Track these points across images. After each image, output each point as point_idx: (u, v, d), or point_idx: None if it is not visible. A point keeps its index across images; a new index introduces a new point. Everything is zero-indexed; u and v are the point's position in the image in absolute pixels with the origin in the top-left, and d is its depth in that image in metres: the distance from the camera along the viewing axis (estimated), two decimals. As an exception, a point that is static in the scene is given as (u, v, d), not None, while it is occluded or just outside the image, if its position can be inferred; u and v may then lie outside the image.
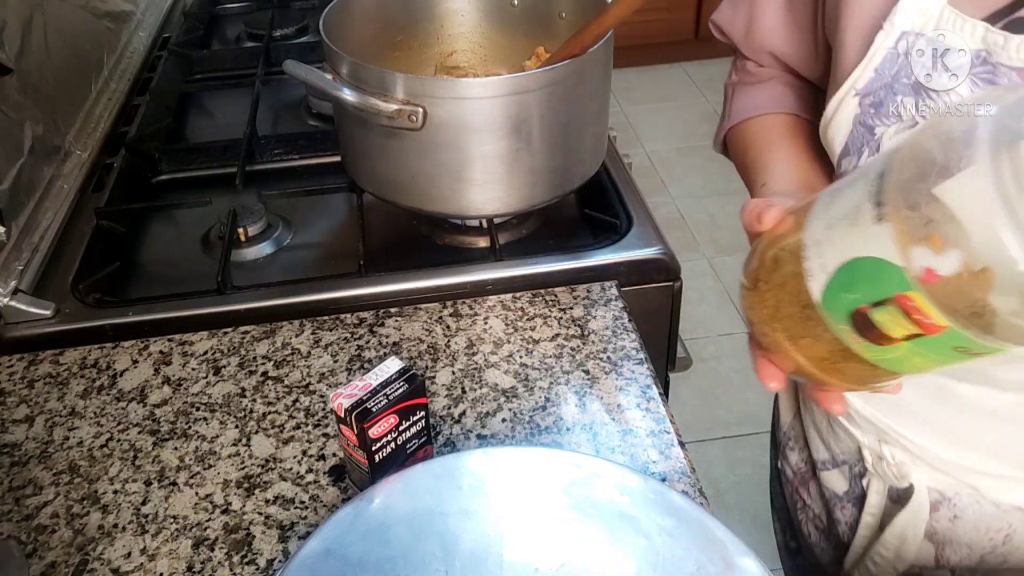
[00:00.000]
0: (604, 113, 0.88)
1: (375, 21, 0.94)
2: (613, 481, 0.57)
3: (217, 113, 1.21)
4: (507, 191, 0.82)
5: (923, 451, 0.64)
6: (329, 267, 0.89)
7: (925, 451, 0.64)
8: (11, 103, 0.88)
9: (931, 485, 0.65)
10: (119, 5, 1.26)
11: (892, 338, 0.42)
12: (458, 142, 0.78)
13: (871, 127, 0.56)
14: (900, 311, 0.41)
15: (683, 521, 0.54)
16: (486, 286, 0.84)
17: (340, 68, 0.79)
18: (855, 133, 0.58)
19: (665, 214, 2.58)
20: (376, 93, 0.76)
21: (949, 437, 0.62)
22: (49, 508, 0.65)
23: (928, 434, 0.63)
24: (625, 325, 0.79)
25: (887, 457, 0.66)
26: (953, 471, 0.63)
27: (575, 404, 0.71)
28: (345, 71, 0.78)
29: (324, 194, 0.99)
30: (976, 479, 0.62)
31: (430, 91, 0.76)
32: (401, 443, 0.61)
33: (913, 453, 0.64)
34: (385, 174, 0.84)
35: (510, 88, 0.76)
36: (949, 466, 0.63)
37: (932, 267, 0.39)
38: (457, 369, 0.75)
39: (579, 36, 0.77)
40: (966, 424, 0.61)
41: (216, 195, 0.98)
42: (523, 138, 0.78)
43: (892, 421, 0.64)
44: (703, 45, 3.14)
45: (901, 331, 0.42)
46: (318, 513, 0.64)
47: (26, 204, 0.89)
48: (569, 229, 0.94)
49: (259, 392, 0.74)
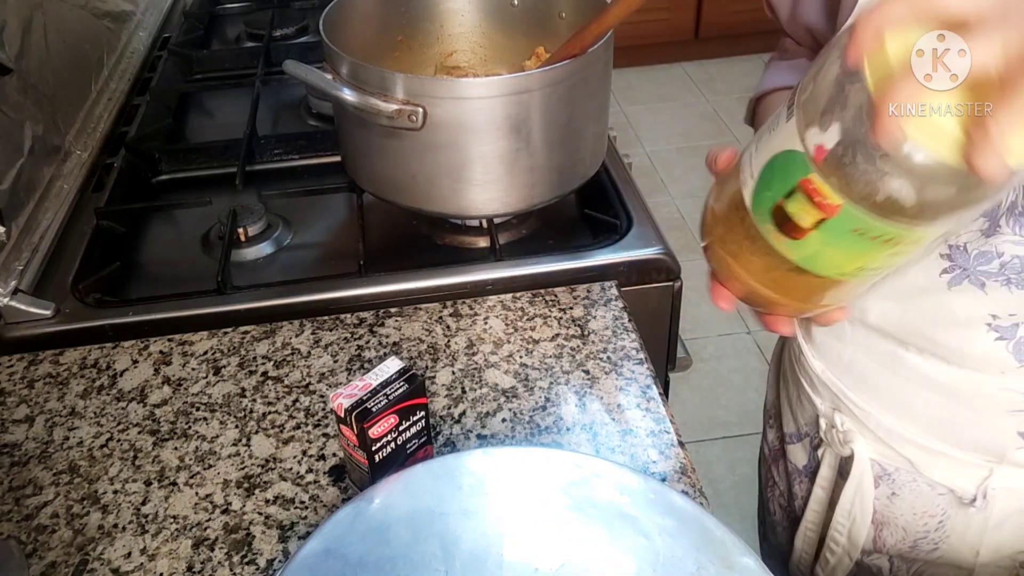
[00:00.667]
0: (604, 113, 0.88)
1: (375, 21, 0.94)
2: (613, 481, 0.57)
3: (217, 113, 1.21)
4: (507, 191, 0.82)
5: (867, 417, 0.66)
6: (329, 267, 0.89)
7: (869, 417, 0.65)
8: (11, 103, 0.88)
9: (873, 457, 0.66)
10: (119, 5, 1.26)
11: (803, 228, 0.45)
12: (458, 142, 0.78)
13: None
14: (805, 197, 0.44)
15: (683, 521, 0.54)
16: (486, 286, 0.84)
17: (340, 68, 0.79)
18: None
19: (665, 214, 2.58)
20: (376, 93, 0.76)
21: (893, 406, 0.64)
22: (49, 508, 0.65)
23: (875, 402, 0.65)
24: (625, 325, 0.79)
25: (837, 425, 0.68)
26: (893, 441, 0.65)
27: (575, 404, 0.71)
28: (345, 71, 0.78)
29: (324, 194, 0.99)
30: (913, 452, 0.64)
31: (430, 91, 0.76)
32: (401, 443, 0.61)
33: (860, 420, 0.66)
34: (385, 174, 0.84)
35: (510, 88, 0.76)
36: (890, 435, 0.65)
37: (821, 143, 0.42)
38: (457, 369, 0.75)
39: (579, 36, 0.78)
40: (910, 395, 0.62)
41: (216, 195, 0.98)
42: (523, 138, 0.78)
43: (845, 386, 0.67)
44: (703, 45, 3.14)
45: (809, 218, 0.44)
46: (318, 513, 0.64)
47: (26, 204, 0.89)
48: (569, 229, 0.94)
49: (259, 392, 0.74)
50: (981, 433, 0.60)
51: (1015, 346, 0.56)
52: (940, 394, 0.61)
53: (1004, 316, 0.56)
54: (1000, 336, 0.56)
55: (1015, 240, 0.54)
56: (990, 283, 0.55)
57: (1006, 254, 0.54)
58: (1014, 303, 0.55)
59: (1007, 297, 0.55)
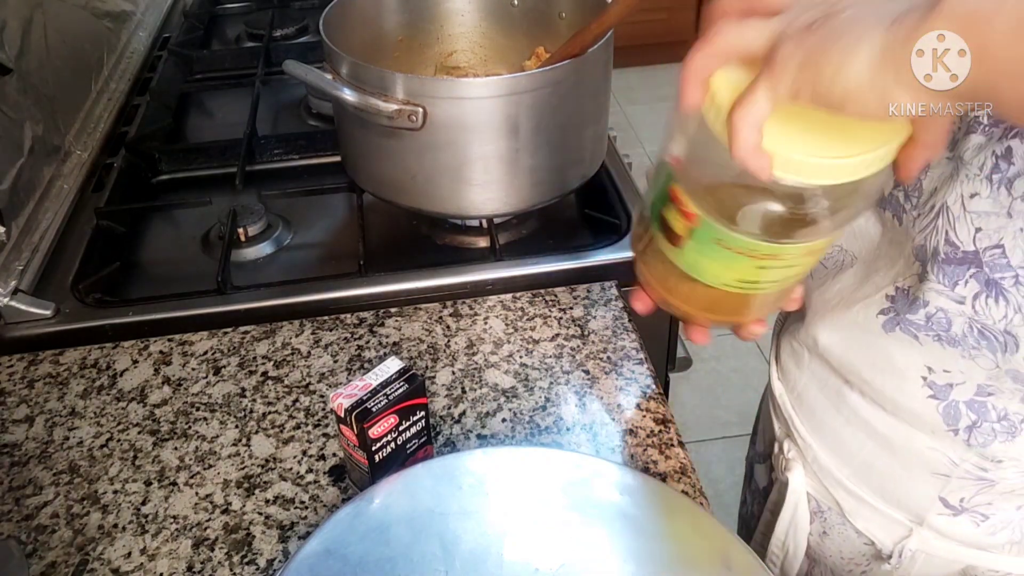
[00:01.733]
0: (604, 113, 0.88)
1: (375, 21, 0.94)
2: (613, 481, 0.57)
3: (217, 113, 1.21)
4: (507, 191, 0.82)
5: (807, 450, 0.65)
6: (329, 267, 0.89)
7: (808, 450, 0.65)
8: (11, 103, 0.88)
9: (809, 491, 0.66)
10: (119, 5, 1.26)
11: (679, 235, 0.46)
12: (458, 142, 0.78)
13: None
14: (674, 204, 0.45)
15: (683, 521, 0.54)
16: (486, 286, 0.84)
17: (340, 68, 0.79)
18: None
19: (665, 214, 2.58)
20: (376, 93, 0.76)
21: (831, 444, 0.63)
22: (49, 508, 0.65)
23: (816, 436, 0.64)
24: (625, 325, 0.79)
25: (784, 452, 0.68)
26: (826, 480, 0.64)
27: (575, 404, 0.71)
28: (345, 71, 0.78)
29: (324, 194, 0.99)
30: (842, 495, 0.63)
31: (430, 91, 0.76)
32: (401, 443, 0.61)
33: (801, 451, 0.66)
34: (385, 174, 0.84)
35: (510, 88, 0.76)
36: (824, 474, 0.64)
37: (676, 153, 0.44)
38: (457, 369, 0.75)
39: (579, 36, 0.78)
40: (848, 436, 0.61)
41: (216, 195, 0.98)
42: (523, 138, 0.78)
43: (796, 414, 0.66)
44: (703, 45, 3.13)
45: (679, 226, 0.45)
46: (318, 513, 0.64)
47: (26, 204, 0.89)
48: (569, 229, 0.94)
49: (259, 392, 0.74)
50: (905, 490, 0.59)
51: (945, 409, 0.54)
52: (874, 441, 0.60)
53: (939, 372, 0.54)
54: (933, 395, 0.55)
55: (939, 290, 0.52)
56: (921, 335, 0.54)
57: (931, 304, 0.52)
58: (947, 360, 0.53)
59: (940, 352, 0.53)
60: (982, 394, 0.53)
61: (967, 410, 0.54)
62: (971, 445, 0.54)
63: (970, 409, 0.53)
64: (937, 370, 0.54)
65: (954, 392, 0.54)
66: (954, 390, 0.54)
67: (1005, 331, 0.50)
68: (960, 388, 0.53)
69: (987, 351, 0.51)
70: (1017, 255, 0.48)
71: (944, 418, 0.55)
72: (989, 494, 0.55)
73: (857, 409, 0.60)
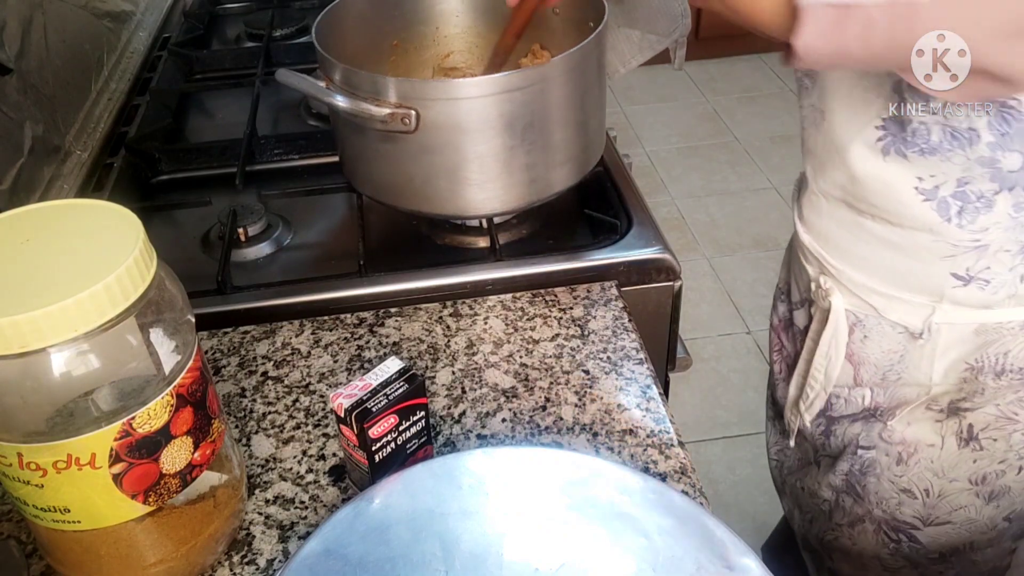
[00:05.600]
0: (601, 107, 0.87)
1: (369, 26, 0.94)
2: (613, 481, 0.57)
3: (217, 113, 1.21)
4: (504, 189, 0.82)
5: (840, 275, 0.80)
6: (329, 267, 0.89)
7: (842, 275, 0.80)
8: (11, 103, 0.88)
9: (848, 307, 0.81)
10: (119, 5, 1.26)
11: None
12: (453, 143, 0.78)
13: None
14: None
15: (683, 521, 0.54)
16: (486, 286, 0.84)
17: (333, 74, 0.79)
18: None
19: (665, 214, 2.58)
20: (368, 98, 0.76)
21: (858, 263, 0.78)
22: (49, 508, 0.65)
23: (845, 262, 0.80)
24: (625, 325, 0.79)
25: (821, 285, 0.82)
26: (861, 292, 0.79)
27: (575, 404, 0.71)
28: (338, 77, 0.78)
29: (324, 194, 0.99)
30: (876, 299, 0.78)
31: (421, 93, 0.76)
32: (401, 443, 0.61)
33: (836, 278, 0.81)
34: (382, 177, 0.84)
35: (501, 86, 0.76)
36: (858, 287, 0.79)
37: None
38: (457, 369, 0.75)
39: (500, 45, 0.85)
40: (869, 253, 0.77)
41: (216, 195, 0.98)
42: (517, 136, 0.78)
43: (826, 252, 0.81)
44: (703, 45, 3.13)
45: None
46: (318, 513, 0.64)
47: (26, 204, 0.88)
48: (569, 229, 0.94)
49: (259, 392, 0.74)
50: (924, 277, 0.74)
51: (937, 205, 0.69)
52: (890, 249, 0.75)
53: (926, 179, 0.68)
54: (926, 198, 0.69)
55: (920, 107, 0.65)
56: (909, 153, 0.68)
57: (914, 121, 0.66)
58: (931, 166, 0.67)
59: (924, 163, 0.68)
60: (961, 185, 0.67)
61: (953, 200, 0.68)
62: (963, 226, 0.69)
63: (955, 199, 0.68)
64: (925, 177, 0.69)
65: (941, 191, 0.68)
66: (940, 189, 0.68)
67: (969, 128, 0.64)
68: (944, 186, 0.68)
69: (958, 149, 0.65)
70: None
71: (939, 213, 0.69)
72: (986, 258, 0.70)
73: (872, 231, 0.75)
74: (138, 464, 0.51)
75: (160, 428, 0.51)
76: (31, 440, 0.47)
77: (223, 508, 0.58)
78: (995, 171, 0.66)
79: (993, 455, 0.79)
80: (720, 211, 2.59)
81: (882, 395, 0.83)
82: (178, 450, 0.53)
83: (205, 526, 0.57)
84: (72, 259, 0.47)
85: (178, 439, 0.52)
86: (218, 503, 0.58)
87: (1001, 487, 0.81)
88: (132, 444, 0.50)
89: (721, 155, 2.85)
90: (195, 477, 0.55)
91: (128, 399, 0.49)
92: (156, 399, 0.50)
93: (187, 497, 0.55)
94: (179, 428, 0.52)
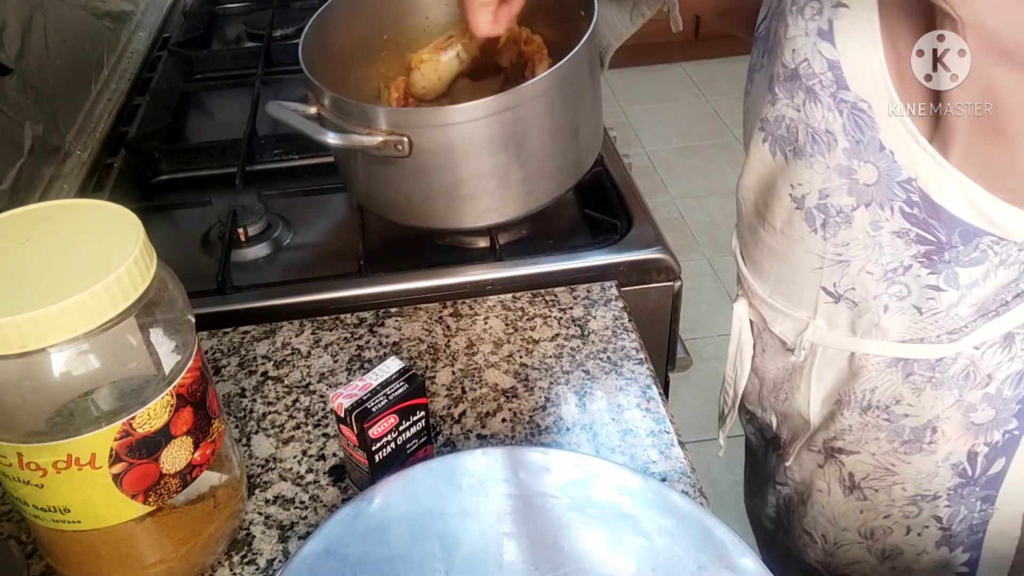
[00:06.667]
0: (596, 107, 0.87)
1: (357, 27, 0.92)
2: (613, 481, 0.57)
3: (217, 113, 1.21)
4: (502, 202, 0.82)
5: (745, 281, 0.81)
6: (329, 267, 0.89)
7: (746, 280, 0.81)
8: (11, 103, 0.88)
9: (751, 318, 0.81)
10: (119, 5, 1.26)
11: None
12: (448, 164, 0.78)
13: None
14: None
15: (683, 521, 0.54)
16: (486, 286, 0.84)
17: (322, 99, 0.79)
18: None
19: (665, 214, 2.58)
20: (359, 126, 0.76)
21: (755, 271, 0.79)
22: (49, 508, 0.65)
23: (748, 268, 0.80)
24: (625, 325, 0.79)
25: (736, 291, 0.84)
26: (755, 301, 0.80)
27: (575, 404, 0.71)
28: (327, 103, 0.78)
29: (324, 194, 0.99)
30: (764, 309, 0.79)
31: (412, 121, 0.75)
32: (401, 443, 0.61)
33: (743, 285, 0.82)
34: (381, 195, 0.85)
35: (491, 109, 0.75)
36: (754, 296, 0.80)
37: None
38: (457, 369, 0.75)
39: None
40: (762, 260, 0.77)
41: (216, 195, 0.98)
42: (511, 153, 0.78)
43: (739, 257, 0.82)
44: (703, 45, 3.14)
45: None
46: (318, 513, 0.64)
47: (26, 204, 0.88)
48: (569, 229, 0.94)
49: (259, 392, 0.74)
50: (798, 289, 0.74)
51: (805, 215, 0.69)
52: (775, 259, 0.75)
53: (796, 186, 0.68)
54: (797, 206, 0.69)
55: (784, 103, 0.66)
56: (787, 150, 0.68)
57: (785, 116, 0.67)
58: (798, 172, 0.68)
59: (794, 167, 0.68)
60: (823, 197, 0.67)
61: (817, 212, 0.68)
62: (827, 239, 0.69)
63: (818, 211, 0.68)
64: (795, 184, 0.69)
65: (807, 200, 0.68)
66: (806, 199, 0.68)
67: (826, 131, 0.64)
68: (809, 196, 0.68)
69: (819, 155, 0.65)
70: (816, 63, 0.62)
71: (807, 222, 0.69)
72: (849, 276, 0.69)
73: (764, 238, 0.75)
74: (138, 464, 0.51)
75: (160, 428, 0.51)
76: (31, 440, 0.47)
77: (223, 508, 0.58)
78: (852, 183, 0.64)
79: (877, 507, 0.78)
80: (720, 211, 2.59)
81: (785, 428, 0.83)
82: (178, 450, 0.53)
83: (205, 526, 0.57)
84: (72, 259, 0.47)
85: (178, 439, 0.52)
86: (218, 503, 0.58)
87: (892, 547, 0.79)
88: (132, 444, 0.50)
89: (721, 155, 2.85)
90: (195, 477, 0.55)
91: (128, 399, 0.49)
92: (156, 399, 0.50)
93: (187, 497, 0.55)
94: (179, 428, 0.52)
